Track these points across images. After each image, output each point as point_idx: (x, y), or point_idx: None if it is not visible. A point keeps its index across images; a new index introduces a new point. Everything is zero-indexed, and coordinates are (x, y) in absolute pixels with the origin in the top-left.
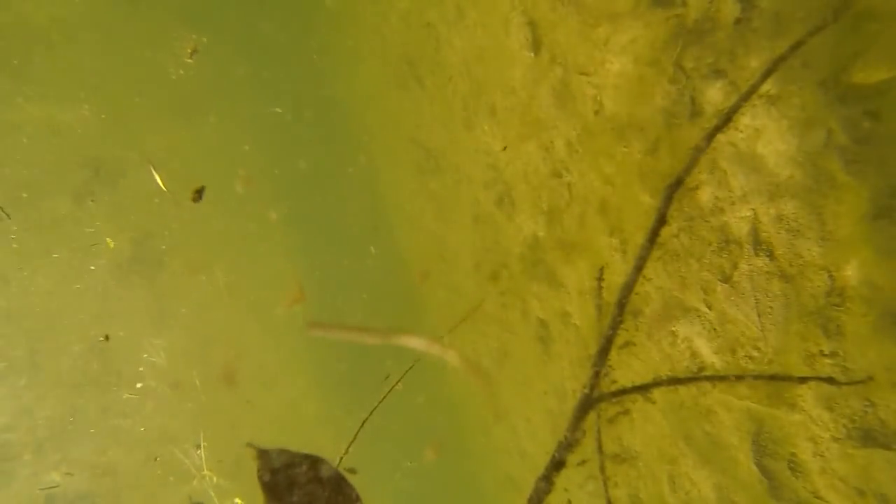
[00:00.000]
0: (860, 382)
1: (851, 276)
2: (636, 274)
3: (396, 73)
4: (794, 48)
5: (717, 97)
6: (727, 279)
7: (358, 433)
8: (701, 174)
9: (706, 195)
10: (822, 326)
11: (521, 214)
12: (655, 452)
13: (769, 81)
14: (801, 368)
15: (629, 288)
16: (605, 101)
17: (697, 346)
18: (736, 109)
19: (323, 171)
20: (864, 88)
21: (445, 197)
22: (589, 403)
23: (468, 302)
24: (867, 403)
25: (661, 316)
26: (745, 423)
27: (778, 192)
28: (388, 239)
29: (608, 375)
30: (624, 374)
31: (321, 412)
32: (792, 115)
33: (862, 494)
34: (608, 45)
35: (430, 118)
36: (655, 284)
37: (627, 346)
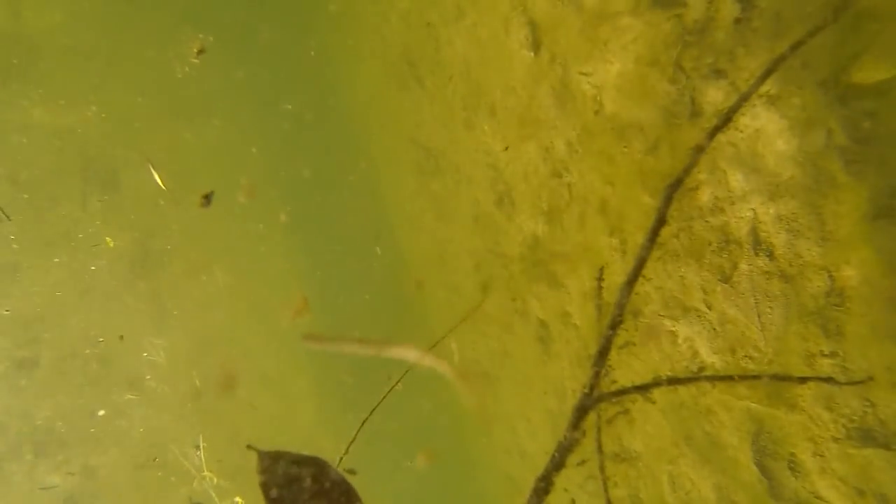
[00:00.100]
0: (860, 382)
1: (851, 276)
2: (636, 274)
3: (396, 73)
4: (794, 48)
5: (717, 97)
6: (727, 279)
7: (357, 434)
8: (701, 174)
9: (706, 195)
10: (822, 326)
11: (521, 214)
12: (655, 452)
13: (769, 81)
14: (801, 368)
15: (629, 288)
16: (605, 101)
17: (697, 346)
18: (736, 109)
19: (323, 171)
20: (864, 88)
21: (445, 197)
22: (589, 403)
23: (468, 302)
24: (867, 403)
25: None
26: (745, 423)
27: (778, 192)
28: (388, 239)
29: (608, 375)
30: (624, 374)
31: (321, 412)
32: (792, 115)
33: (862, 494)
34: (608, 45)
35: (430, 118)
36: (655, 284)
37: (627, 346)
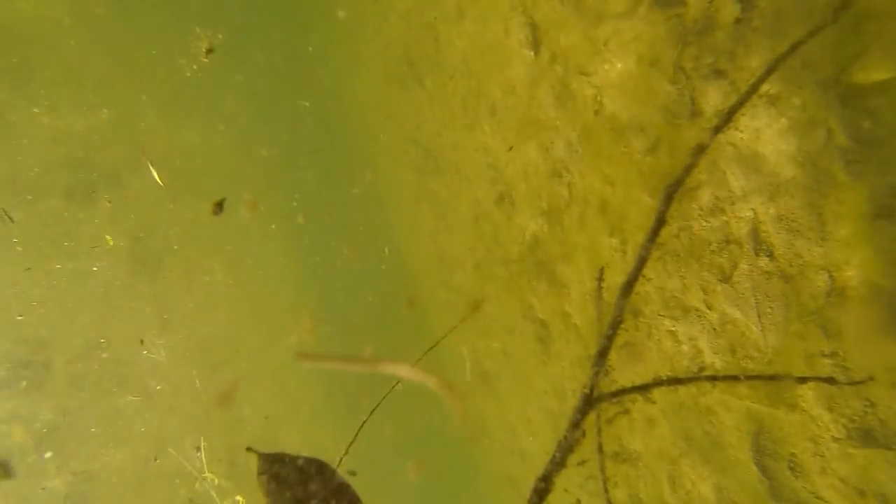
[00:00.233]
0: (860, 382)
1: (851, 276)
2: (636, 274)
3: (397, 73)
4: (794, 48)
5: (717, 97)
6: (727, 279)
7: (357, 434)
8: (701, 174)
9: (706, 195)
10: (822, 326)
11: (521, 214)
12: (655, 452)
13: (769, 81)
14: (801, 368)
15: (629, 288)
16: (605, 101)
17: (697, 346)
18: (736, 109)
19: (323, 171)
20: (864, 88)
21: (445, 197)
22: (589, 403)
23: (468, 302)
24: (867, 403)
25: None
26: (745, 423)
27: (778, 192)
28: (389, 240)
29: (608, 375)
30: (624, 374)
31: (321, 413)
32: (792, 115)
33: (862, 494)
34: (608, 45)
35: (430, 118)
36: (655, 284)
37: (627, 346)
